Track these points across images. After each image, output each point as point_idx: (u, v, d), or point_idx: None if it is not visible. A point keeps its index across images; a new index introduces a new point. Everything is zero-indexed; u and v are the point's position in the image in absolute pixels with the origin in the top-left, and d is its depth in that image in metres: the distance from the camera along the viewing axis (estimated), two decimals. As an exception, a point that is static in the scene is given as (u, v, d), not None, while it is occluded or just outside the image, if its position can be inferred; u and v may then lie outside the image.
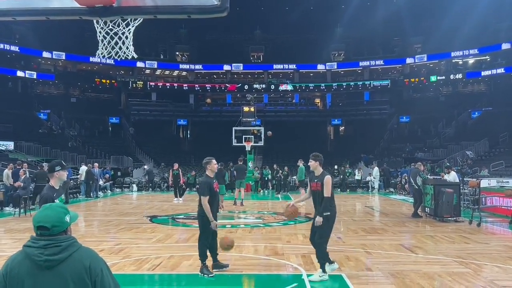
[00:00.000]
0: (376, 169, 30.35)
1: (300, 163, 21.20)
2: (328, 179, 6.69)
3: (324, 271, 6.73)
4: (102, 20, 5.40)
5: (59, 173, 5.39)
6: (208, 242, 7.11)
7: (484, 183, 15.84)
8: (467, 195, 16.40)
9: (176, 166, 22.11)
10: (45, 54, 47.77)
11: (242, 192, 19.25)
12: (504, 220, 13.54)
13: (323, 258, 6.76)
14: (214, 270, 7.10)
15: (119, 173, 33.22)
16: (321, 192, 6.69)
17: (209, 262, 7.20)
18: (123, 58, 6.15)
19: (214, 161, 7.32)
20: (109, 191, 27.86)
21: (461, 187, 15.52)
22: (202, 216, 7.06)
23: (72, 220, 2.53)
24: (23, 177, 16.33)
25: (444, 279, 6.79)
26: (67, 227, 2.45)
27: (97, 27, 5.66)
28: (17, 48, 45.28)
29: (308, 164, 7.06)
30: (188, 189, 23.70)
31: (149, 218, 14.83)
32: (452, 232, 11.35)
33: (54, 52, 47.70)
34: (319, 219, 6.65)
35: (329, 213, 6.72)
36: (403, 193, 25.11)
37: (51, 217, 2.40)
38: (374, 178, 29.67)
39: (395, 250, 9.14)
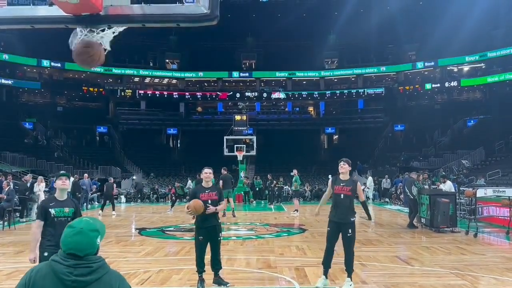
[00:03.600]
0: (370, 178, 29.96)
1: (295, 173, 20.71)
2: (359, 184, 7.07)
3: (351, 279, 6.84)
4: (87, 29, 4.86)
5: (55, 183, 5.38)
6: (198, 254, 6.86)
7: (480, 192, 15.72)
8: (463, 205, 16.09)
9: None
10: (31, 62, 46.92)
11: (231, 202, 18.87)
12: (501, 230, 13.28)
13: (353, 267, 6.90)
14: (213, 285, 6.96)
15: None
16: (347, 196, 6.85)
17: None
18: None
19: (205, 169, 7.11)
20: (96, 202, 27.15)
21: (457, 197, 15.42)
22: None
23: (101, 238, 2.40)
24: (6, 189, 15.61)
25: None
26: (97, 249, 2.34)
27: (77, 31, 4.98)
28: (2, 55, 44.23)
29: (340, 167, 7.01)
30: (178, 200, 23.12)
31: (137, 230, 14.51)
32: (448, 243, 11.25)
33: (40, 60, 46.91)
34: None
35: (354, 219, 6.95)
36: (398, 203, 24.76)
37: (83, 244, 2.28)
38: (368, 188, 29.22)
39: (390, 262, 9.03)
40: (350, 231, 6.82)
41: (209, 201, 6.83)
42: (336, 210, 6.97)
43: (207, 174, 7.04)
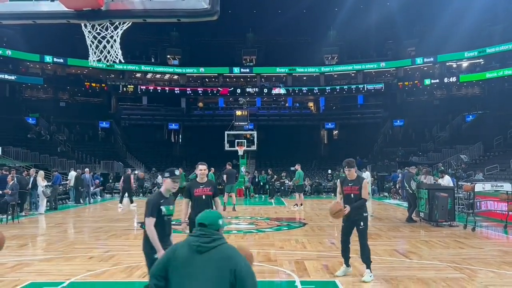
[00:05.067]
0: (366, 173, 29.88)
1: (298, 168, 20.85)
2: (366, 182, 7.11)
3: (371, 270, 7.00)
4: (90, 24, 5.27)
5: (165, 180, 5.18)
6: None
7: (478, 187, 15.75)
8: (462, 199, 16.21)
9: (129, 171, 23.15)
10: (34, 58, 47.00)
11: (233, 197, 19.03)
12: (499, 225, 13.40)
13: (370, 258, 7.04)
14: None
15: (110, 179, 32.55)
16: (357, 195, 6.98)
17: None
18: (112, 63, 5.98)
19: (200, 166, 7.04)
20: (99, 197, 27.30)
21: (456, 191, 15.43)
22: None
23: (224, 225, 3.20)
24: (11, 183, 15.74)
25: (438, 284, 6.76)
26: (219, 227, 3.13)
27: (85, 31, 5.51)
28: (5, 51, 44.39)
29: (346, 171, 7.21)
30: (180, 194, 23.26)
31: (139, 224, 14.52)
32: (447, 237, 11.30)
33: (42, 56, 47.00)
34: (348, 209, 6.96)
35: (367, 214, 7.16)
36: (397, 197, 24.88)
37: (209, 218, 3.15)
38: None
39: (389, 255, 9.10)
40: (362, 223, 7.00)
41: (203, 196, 6.84)
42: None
43: (202, 171, 6.98)
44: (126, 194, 21.42)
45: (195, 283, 2.94)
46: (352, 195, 7.00)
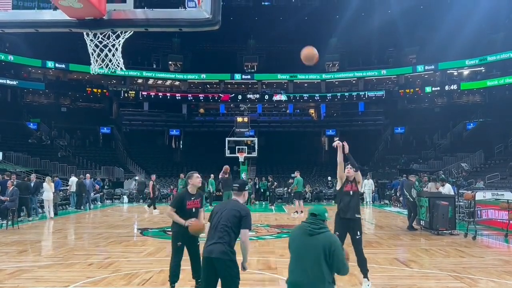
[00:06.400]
0: (366, 181, 29.78)
1: (297, 175, 20.85)
2: (359, 175, 7.45)
3: (368, 278, 6.93)
4: (91, 33, 5.31)
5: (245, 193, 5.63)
6: (175, 260, 6.64)
7: (479, 195, 15.61)
8: (462, 207, 16.08)
9: (153, 177, 23.15)
10: (36, 63, 47.14)
11: None
12: (500, 233, 13.34)
13: (366, 267, 6.97)
14: None
15: (107, 183, 32.52)
16: (355, 192, 7.22)
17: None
18: (113, 71, 5.99)
19: (195, 175, 6.70)
20: (99, 202, 27.20)
21: (456, 200, 15.35)
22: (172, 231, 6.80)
23: (327, 216, 4.38)
24: (11, 189, 15.73)
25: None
26: (325, 219, 4.32)
27: (87, 39, 5.53)
28: (7, 56, 44.55)
29: (347, 171, 7.43)
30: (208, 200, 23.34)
31: (139, 231, 14.50)
32: (447, 246, 11.25)
33: (44, 61, 47.13)
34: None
35: (359, 215, 7.25)
36: (398, 205, 24.79)
37: (319, 210, 4.35)
38: (363, 191, 29.10)
39: (389, 264, 9.06)
40: (358, 233, 7.00)
41: (193, 209, 6.58)
42: (344, 208, 7.15)
43: (198, 179, 6.69)
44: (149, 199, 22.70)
45: (303, 257, 4.16)
46: (351, 192, 7.21)
